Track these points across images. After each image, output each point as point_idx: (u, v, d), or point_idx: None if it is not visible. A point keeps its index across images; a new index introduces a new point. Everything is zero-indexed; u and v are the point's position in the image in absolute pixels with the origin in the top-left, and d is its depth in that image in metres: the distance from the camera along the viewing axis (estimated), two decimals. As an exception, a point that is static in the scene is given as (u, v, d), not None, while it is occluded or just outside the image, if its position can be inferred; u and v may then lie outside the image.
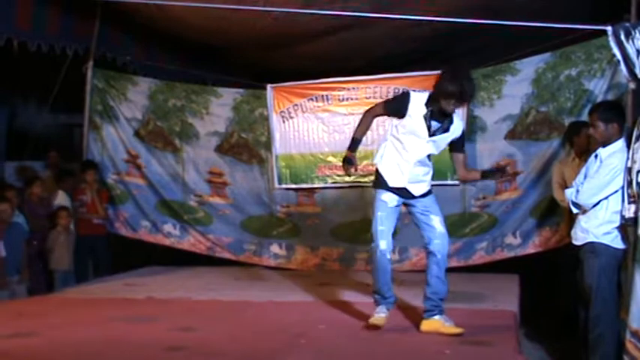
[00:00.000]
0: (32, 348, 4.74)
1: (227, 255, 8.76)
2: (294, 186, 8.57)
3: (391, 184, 5.23)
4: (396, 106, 5.24)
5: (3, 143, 11.91)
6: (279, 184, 8.58)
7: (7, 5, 7.56)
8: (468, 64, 5.29)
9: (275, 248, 8.76)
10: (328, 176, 8.43)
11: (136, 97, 9.01)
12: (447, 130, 5.14)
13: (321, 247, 8.58)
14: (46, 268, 7.87)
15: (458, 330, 4.99)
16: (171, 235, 8.90)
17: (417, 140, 5.15)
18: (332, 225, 8.52)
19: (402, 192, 5.24)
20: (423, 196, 5.26)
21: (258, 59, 9.63)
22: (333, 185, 8.43)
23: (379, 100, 7.97)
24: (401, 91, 7.91)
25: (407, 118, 5.13)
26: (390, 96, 7.93)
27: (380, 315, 5.25)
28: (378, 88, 8.16)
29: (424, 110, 5.08)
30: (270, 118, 8.50)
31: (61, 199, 8.34)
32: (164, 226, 8.92)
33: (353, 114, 8.19)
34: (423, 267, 7.68)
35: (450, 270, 7.49)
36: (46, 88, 9.26)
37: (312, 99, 8.40)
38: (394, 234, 6.33)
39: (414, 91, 5.43)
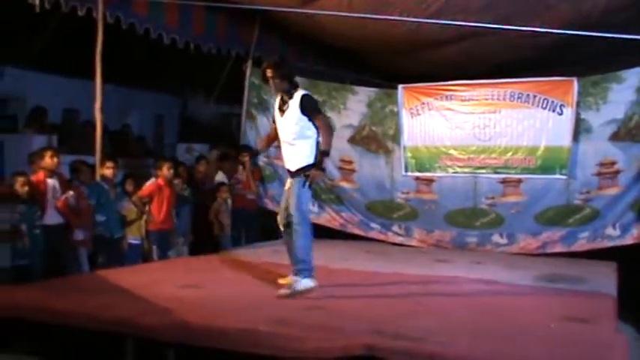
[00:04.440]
0: (197, 298, 5.07)
1: (357, 231, 8.91)
2: (419, 174, 8.59)
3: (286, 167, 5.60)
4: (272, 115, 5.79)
5: (177, 127, 12.60)
6: (406, 172, 8.63)
7: (186, 14, 8.06)
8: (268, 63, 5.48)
9: (396, 228, 8.83)
10: (449, 166, 8.42)
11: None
12: (289, 105, 5.39)
13: (436, 230, 8.60)
14: (210, 234, 8.25)
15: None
16: (311, 211, 9.00)
17: (278, 124, 5.56)
18: (445, 211, 8.51)
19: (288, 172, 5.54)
20: (295, 176, 5.42)
21: (390, 63, 9.73)
22: (454, 174, 8.40)
23: (497, 102, 8.09)
24: (516, 95, 7.94)
25: (274, 113, 5.66)
26: (507, 98, 8.00)
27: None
28: (495, 91, 8.12)
29: (277, 102, 5.55)
30: (400, 114, 8.56)
31: (221, 177, 8.71)
32: (305, 203, 9.13)
33: (473, 112, 8.25)
34: (530, 251, 7.98)
35: (554, 255, 7.73)
36: (212, 83, 9.73)
37: (437, 98, 8.42)
38: (502, 223, 6.37)
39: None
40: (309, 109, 5.39)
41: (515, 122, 8.03)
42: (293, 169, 5.47)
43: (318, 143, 5.39)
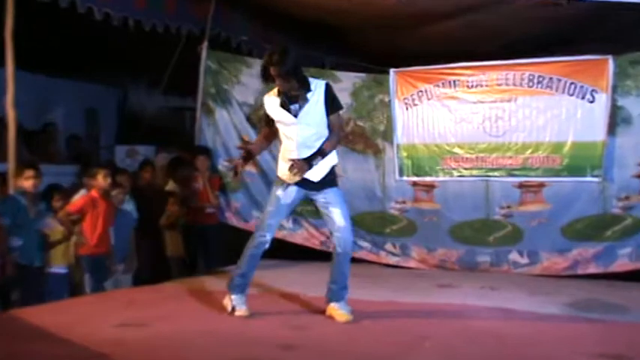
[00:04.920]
0: (140, 340, 4.98)
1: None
2: (416, 179, 8.58)
3: (288, 180, 5.69)
4: (263, 114, 5.90)
5: (114, 126, 12.47)
6: (400, 176, 8.62)
7: (124, -16, 7.94)
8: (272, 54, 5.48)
9: (389, 247, 8.82)
10: (454, 169, 8.42)
11: (250, 81, 9.16)
12: (307, 101, 5.51)
13: (439, 248, 8.59)
14: (159, 257, 8.24)
15: (347, 317, 5.62)
16: (284, 227, 9.01)
17: (287, 127, 5.61)
18: (450, 223, 8.51)
19: (302, 183, 5.67)
20: (324, 186, 5.65)
21: (379, 42, 9.66)
22: (460, 178, 8.41)
23: (512, 88, 8.10)
24: (536, 78, 7.94)
25: (273, 116, 5.68)
26: (525, 83, 8.04)
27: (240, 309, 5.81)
28: (510, 74, 8.11)
29: (277, 100, 5.60)
30: (392, 105, 8.56)
31: (171, 186, 8.70)
32: (276, 217, 9.09)
33: (483, 102, 8.24)
34: (557, 272, 7.98)
35: (588, 277, 7.71)
36: (158, 69, 9.62)
37: (438, 85, 8.41)
38: (520, 238, 6.43)
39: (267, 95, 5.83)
40: (335, 102, 5.66)
41: (536, 113, 8.03)
42: (317, 178, 5.66)
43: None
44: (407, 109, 8.56)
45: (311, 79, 5.59)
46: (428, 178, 8.53)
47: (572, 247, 7.98)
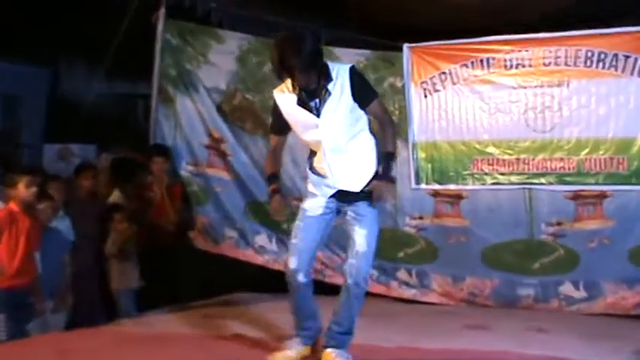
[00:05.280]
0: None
1: (342, 280, 8.73)
2: (438, 187, 8.60)
3: (322, 195, 5.67)
4: (275, 120, 5.81)
5: (42, 118, 12.36)
6: (417, 183, 8.66)
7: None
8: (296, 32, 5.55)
9: (403, 275, 8.84)
10: (487, 174, 8.45)
11: (221, 60, 9.21)
12: (328, 94, 5.43)
13: (468, 278, 8.61)
14: (102, 290, 8.13)
15: None
16: (266, 250, 9.07)
17: (310, 131, 5.56)
18: (483, 245, 8.53)
19: (340, 196, 5.64)
20: (360, 198, 5.58)
21: (389, 10, 9.59)
22: (496, 187, 8.43)
23: (563, 68, 8.11)
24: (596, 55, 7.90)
25: (289, 118, 5.62)
26: (582, 62, 8.02)
27: (287, 352, 5.69)
28: (562, 50, 8.14)
29: (294, 97, 5.51)
30: (407, 92, 8.60)
31: (116, 197, 8.55)
32: (256, 237, 9.13)
33: (525, 87, 8.30)
34: (625, 310, 8.03)
35: None
36: (100, 46, 9.52)
37: (467, 65, 8.47)
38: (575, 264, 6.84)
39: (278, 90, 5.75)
40: (366, 89, 5.60)
41: (595, 101, 8.04)
42: (359, 188, 5.58)
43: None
44: (425, 96, 8.62)
45: (331, 65, 5.50)
46: (453, 187, 8.59)
47: (644, 278, 7.98)
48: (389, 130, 5.64)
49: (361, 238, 5.58)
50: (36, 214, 7.28)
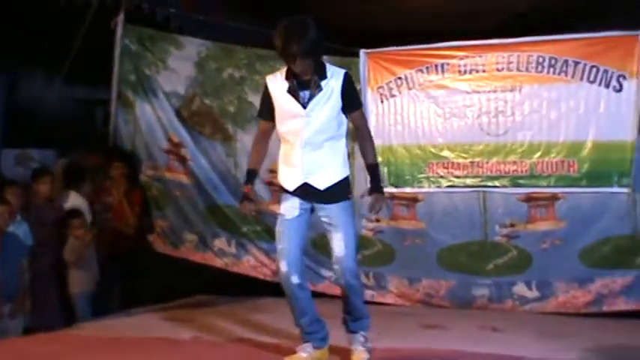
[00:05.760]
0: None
1: (300, 283, 8.80)
2: (394, 190, 8.59)
3: (288, 186, 5.71)
4: (264, 106, 5.83)
5: (1, 122, 12.26)
6: (370, 194, 8.56)
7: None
8: (296, 18, 5.53)
9: (361, 277, 8.76)
10: (442, 177, 8.47)
11: (180, 65, 9.20)
12: (319, 89, 5.53)
13: (424, 279, 8.65)
14: (60, 295, 8.08)
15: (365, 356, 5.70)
16: (225, 253, 9.08)
17: (294, 121, 5.61)
18: (438, 247, 8.58)
19: (304, 192, 5.66)
20: (329, 200, 5.64)
21: (346, 14, 9.66)
22: (450, 189, 8.46)
23: (516, 73, 8.16)
24: (548, 61, 7.98)
25: (276, 107, 5.68)
26: (534, 67, 8.08)
27: (300, 354, 5.74)
28: (514, 56, 8.18)
29: (285, 84, 5.59)
30: (364, 97, 8.50)
31: (74, 200, 8.52)
32: (215, 240, 9.12)
33: (479, 92, 8.32)
34: (576, 308, 8.04)
35: (615, 315, 7.74)
36: (59, 52, 9.50)
37: (422, 70, 8.47)
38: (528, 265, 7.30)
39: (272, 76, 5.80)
40: (355, 96, 5.79)
41: (547, 105, 8.10)
42: (324, 186, 5.64)
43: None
44: (382, 101, 8.64)
45: (327, 65, 5.61)
46: (409, 190, 8.59)
47: (595, 277, 8.05)
48: (370, 142, 5.80)
49: (338, 242, 5.64)
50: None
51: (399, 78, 8.55)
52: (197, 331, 7.07)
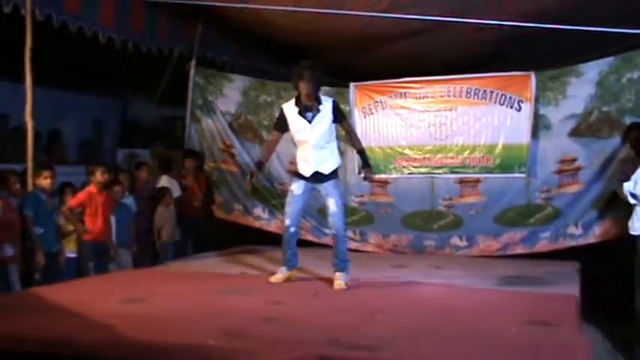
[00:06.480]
0: (140, 313, 4.95)
1: (310, 237, 8.78)
2: (374, 176, 8.49)
3: (304, 173, 6.10)
4: (279, 123, 6.26)
5: (117, 132, 12.37)
6: (359, 173, 8.48)
7: (125, 12, 7.92)
8: (309, 64, 6.00)
9: (350, 235, 8.61)
10: (404, 167, 8.42)
11: (231, 93, 9.17)
12: (318, 111, 5.96)
13: (392, 235, 8.59)
14: (152, 243, 8.16)
15: (341, 285, 5.96)
16: (261, 218, 9.07)
17: (304, 132, 6.01)
18: (402, 214, 8.50)
19: (314, 176, 6.07)
20: (328, 179, 6.06)
21: (341, 60, 9.62)
22: (410, 175, 8.41)
23: (453, 99, 8.14)
24: (473, 91, 8.03)
25: (290, 124, 6.07)
26: (464, 94, 8.08)
27: (278, 275, 6.22)
28: (452, 87, 8.13)
29: (296, 109, 5.99)
30: (352, 114, 8.49)
31: (165, 182, 8.60)
32: (254, 209, 9.11)
33: (428, 110, 8.26)
34: (491, 253, 8.01)
35: (515, 256, 7.81)
36: (154, 84, 9.62)
37: (391, 96, 8.40)
38: (460, 225, 7.50)
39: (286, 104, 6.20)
40: (342, 113, 6.19)
41: (473, 120, 8.06)
42: (327, 171, 6.06)
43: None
44: (365, 117, 8.54)
45: (322, 96, 6.03)
46: (383, 176, 8.49)
47: (503, 232, 8.05)
48: (357, 137, 6.45)
49: (332, 204, 6.00)
50: (109, 193, 7.37)
51: (376, 101, 8.49)
52: (244, 268, 7.19)
